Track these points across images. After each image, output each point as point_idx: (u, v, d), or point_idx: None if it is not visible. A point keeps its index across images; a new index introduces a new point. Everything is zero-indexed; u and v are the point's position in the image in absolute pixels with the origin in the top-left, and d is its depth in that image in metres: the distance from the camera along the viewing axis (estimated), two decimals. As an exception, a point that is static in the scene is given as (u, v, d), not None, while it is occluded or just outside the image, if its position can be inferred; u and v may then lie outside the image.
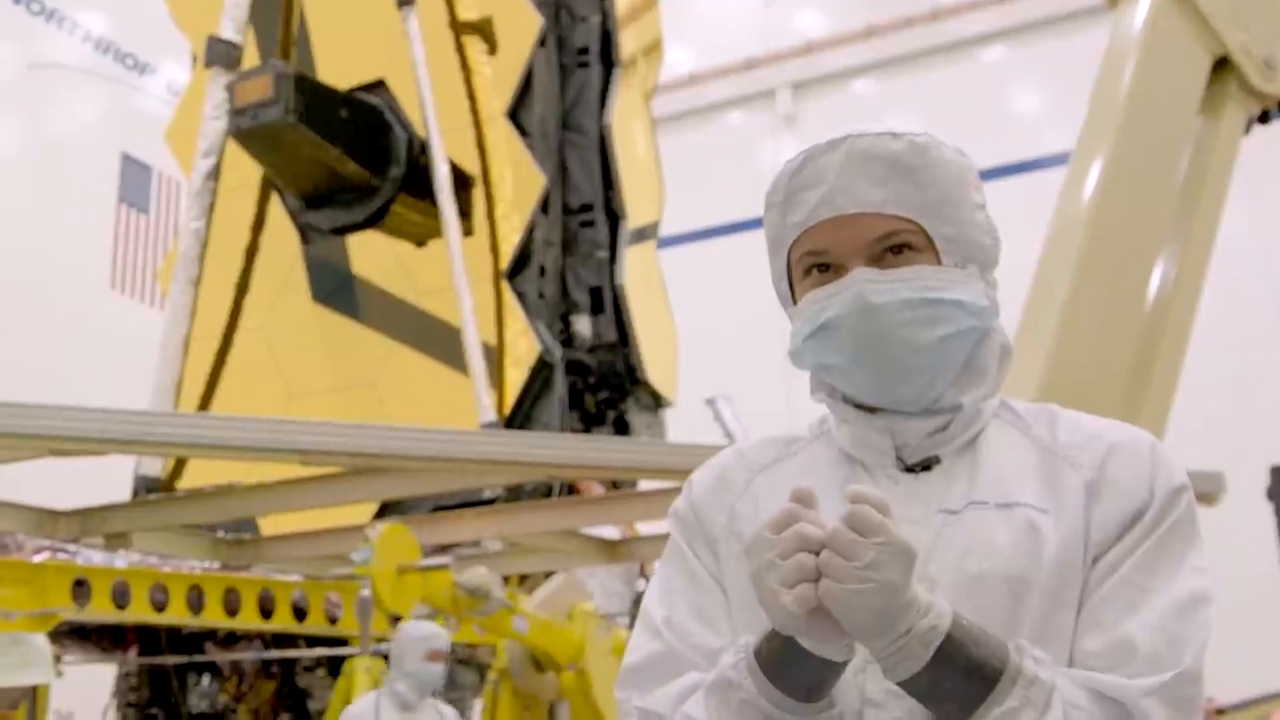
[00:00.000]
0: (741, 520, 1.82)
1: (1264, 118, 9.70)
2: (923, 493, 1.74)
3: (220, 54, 12.05)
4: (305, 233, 13.11)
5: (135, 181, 21.00)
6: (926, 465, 1.77)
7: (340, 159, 12.25)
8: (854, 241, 1.73)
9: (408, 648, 7.22)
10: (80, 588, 8.12)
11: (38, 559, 8.37)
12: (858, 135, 1.75)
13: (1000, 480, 1.74)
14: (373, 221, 12.75)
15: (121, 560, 8.92)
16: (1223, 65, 9.14)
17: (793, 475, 1.83)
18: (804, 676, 1.58)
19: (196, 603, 8.66)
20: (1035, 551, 1.66)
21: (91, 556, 8.82)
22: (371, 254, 12.80)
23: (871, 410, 1.78)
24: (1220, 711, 11.31)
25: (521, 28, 12.76)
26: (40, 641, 7.71)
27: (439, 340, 11.99)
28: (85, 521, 9.47)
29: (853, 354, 1.72)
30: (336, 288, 12.86)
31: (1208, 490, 8.79)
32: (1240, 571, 11.72)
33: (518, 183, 12.16)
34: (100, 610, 8.24)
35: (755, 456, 1.90)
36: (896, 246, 1.73)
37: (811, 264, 1.76)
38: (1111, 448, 1.74)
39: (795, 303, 1.81)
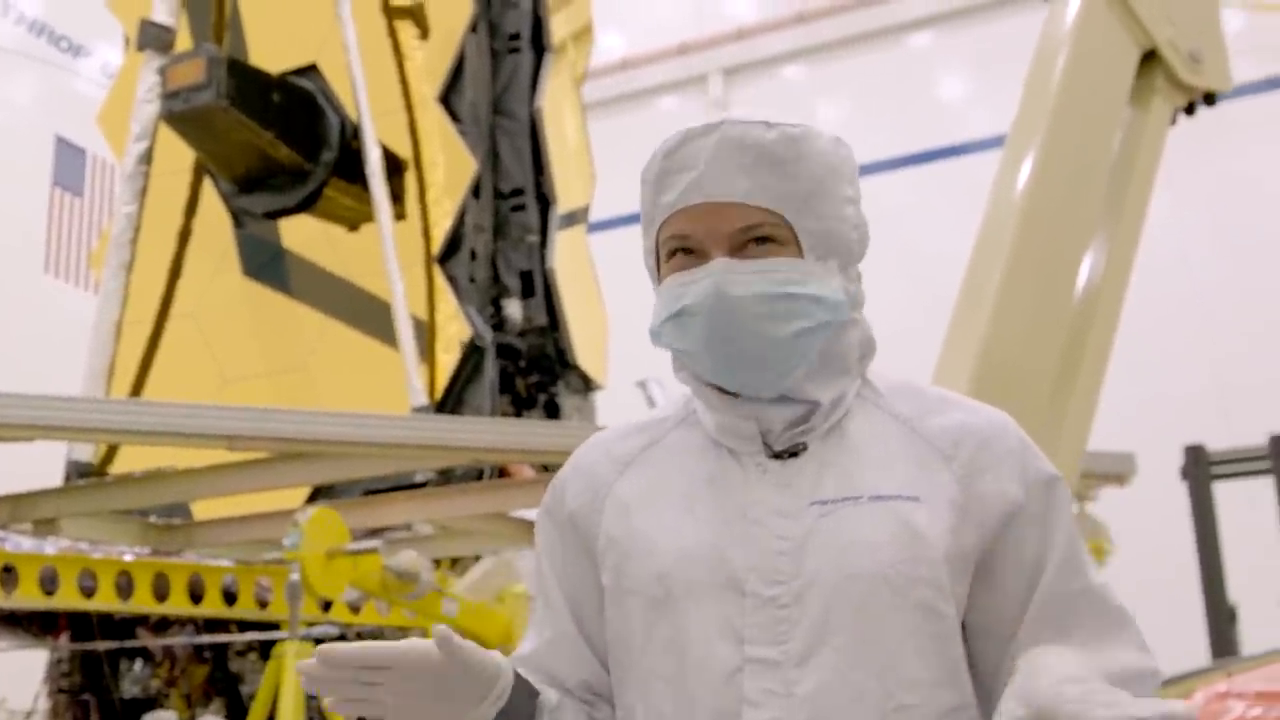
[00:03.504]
0: (610, 523, 1.83)
1: (1189, 109, 9.90)
2: (793, 483, 1.74)
3: (153, 37, 12.01)
4: (238, 217, 13.09)
5: (69, 164, 20.77)
6: (794, 452, 1.76)
7: (273, 143, 12.20)
8: (717, 230, 1.72)
9: None
10: (8, 574, 8.11)
11: (-35, 545, 8.36)
12: (733, 122, 1.74)
13: (871, 469, 1.74)
14: (306, 205, 12.70)
15: (51, 546, 8.91)
16: (1150, 58, 9.31)
17: (660, 466, 1.84)
18: None
19: (126, 588, 8.65)
20: (913, 548, 1.68)
21: (20, 543, 8.80)
22: (302, 230, 12.76)
23: (734, 395, 1.78)
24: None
25: (453, 13, 12.74)
26: (-33, 628, 7.72)
27: (370, 315, 11.95)
28: (14, 507, 9.43)
29: (706, 342, 1.72)
30: (267, 261, 12.80)
31: (1120, 470, 8.98)
32: (1155, 549, 11.99)
33: (449, 167, 12.17)
34: (28, 596, 8.23)
35: (620, 449, 1.89)
36: (759, 238, 1.73)
37: (676, 247, 1.76)
38: (983, 441, 1.75)
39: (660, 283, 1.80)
